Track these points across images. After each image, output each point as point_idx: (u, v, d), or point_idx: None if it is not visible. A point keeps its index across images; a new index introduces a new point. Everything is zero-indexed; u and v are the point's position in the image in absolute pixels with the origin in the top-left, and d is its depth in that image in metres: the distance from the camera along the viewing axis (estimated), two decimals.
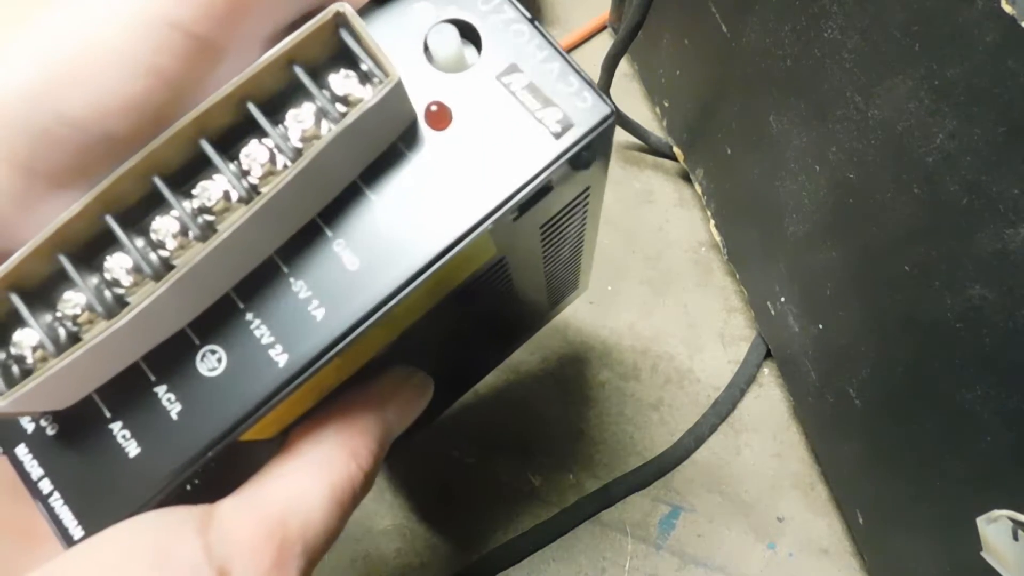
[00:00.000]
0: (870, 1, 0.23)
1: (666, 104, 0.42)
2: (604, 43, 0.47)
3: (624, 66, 0.46)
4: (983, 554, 0.23)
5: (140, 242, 0.13)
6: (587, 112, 0.15)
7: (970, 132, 0.20)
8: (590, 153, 0.15)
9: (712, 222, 0.40)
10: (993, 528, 0.23)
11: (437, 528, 0.35)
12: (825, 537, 0.35)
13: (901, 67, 0.22)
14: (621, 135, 0.43)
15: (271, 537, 0.14)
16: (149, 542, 0.13)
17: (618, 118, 0.41)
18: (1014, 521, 0.22)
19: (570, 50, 0.47)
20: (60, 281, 0.13)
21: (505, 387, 0.38)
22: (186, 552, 0.13)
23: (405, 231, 0.14)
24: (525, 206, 0.15)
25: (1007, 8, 0.18)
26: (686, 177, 0.43)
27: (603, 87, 0.39)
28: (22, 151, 0.12)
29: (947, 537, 0.26)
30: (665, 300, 0.40)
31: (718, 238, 0.40)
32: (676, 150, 0.42)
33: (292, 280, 0.14)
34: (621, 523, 0.36)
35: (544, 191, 0.15)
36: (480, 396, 0.38)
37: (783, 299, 0.34)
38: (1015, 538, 0.22)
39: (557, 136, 0.15)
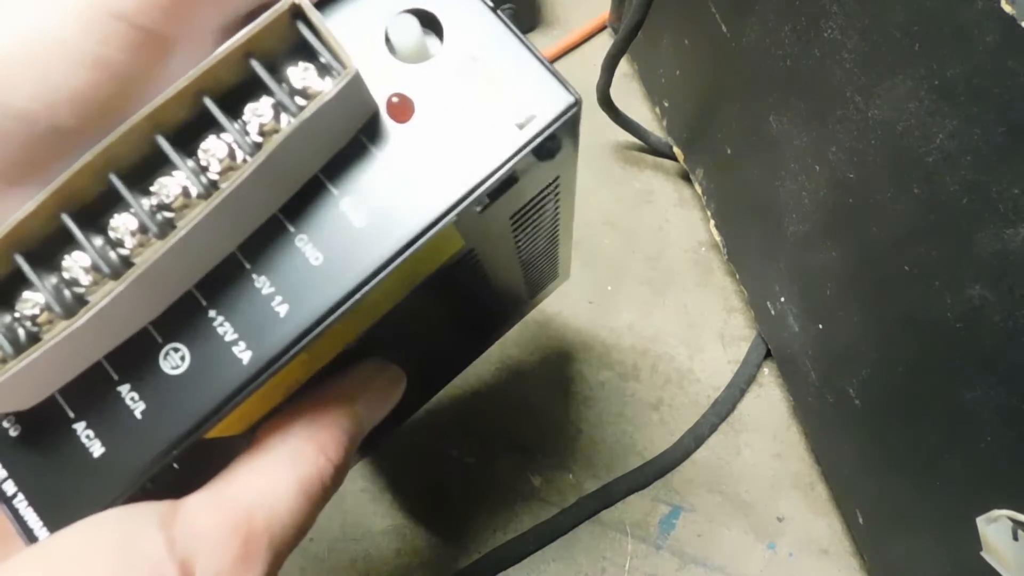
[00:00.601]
0: (870, 1, 0.23)
1: (666, 104, 0.42)
2: (604, 43, 0.47)
3: (624, 66, 0.46)
4: (983, 554, 0.23)
5: (98, 240, 0.13)
6: (551, 101, 0.14)
7: (970, 132, 0.20)
8: (555, 143, 0.15)
9: (712, 222, 0.40)
10: (993, 528, 0.23)
11: (437, 528, 0.35)
12: (825, 537, 0.35)
13: (901, 67, 0.22)
14: (621, 135, 0.43)
15: (236, 530, 0.13)
16: (111, 537, 0.13)
17: (618, 118, 0.41)
18: (1014, 521, 0.22)
19: (570, 50, 0.47)
20: (17, 281, 0.13)
21: (505, 387, 0.38)
22: (149, 546, 0.13)
23: (368, 225, 0.14)
24: (491, 197, 0.15)
25: (1007, 8, 0.18)
26: (686, 177, 0.43)
27: (603, 87, 0.39)
28: None
29: (947, 537, 0.26)
30: (665, 300, 0.40)
31: (718, 238, 0.40)
32: (676, 150, 0.42)
33: (255, 276, 0.14)
34: (621, 523, 0.36)
35: (509, 182, 0.15)
36: (480, 396, 0.38)
37: (783, 299, 0.34)
38: (1015, 538, 0.22)
39: (520, 126, 0.14)
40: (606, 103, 0.40)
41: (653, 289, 0.41)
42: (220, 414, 0.14)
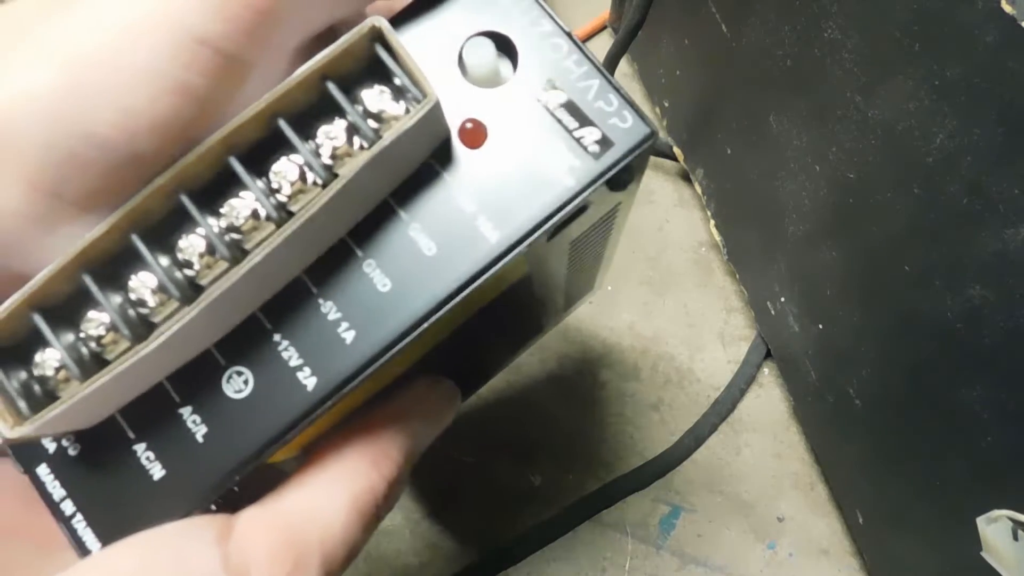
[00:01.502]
0: (870, 1, 0.23)
1: (666, 104, 0.42)
2: (604, 43, 0.47)
3: (624, 66, 0.46)
4: (983, 554, 0.23)
5: (166, 261, 0.13)
6: (627, 132, 0.14)
7: (970, 132, 0.20)
8: (628, 175, 0.14)
9: (712, 222, 0.40)
10: (993, 528, 0.23)
11: (437, 528, 0.35)
12: (825, 537, 0.35)
13: (901, 67, 0.22)
14: None
15: (289, 547, 0.13)
16: (166, 552, 0.13)
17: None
18: (1014, 521, 0.22)
19: None
20: (83, 300, 0.13)
21: (505, 387, 0.38)
22: (204, 562, 0.13)
23: (437, 252, 0.14)
24: (560, 227, 0.14)
25: (1007, 8, 0.18)
26: (686, 177, 0.43)
27: None
28: (47, 175, 0.12)
29: (947, 537, 0.26)
30: (665, 300, 0.40)
31: (718, 238, 0.40)
32: (676, 150, 0.42)
33: (321, 301, 0.14)
34: (621, 523, 0.36)
35: (580, 211, 0.15)
36: (480, 396, 0.38)
37: (783, 299, 0.34)
38: (1015, 538, 0.22)
39: (596, 157, 0.14)
40: None
41: (653, 289, 0.41)
42: (283, 440, 0.14)
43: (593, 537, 0.35)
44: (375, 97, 0.13)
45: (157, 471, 0.14)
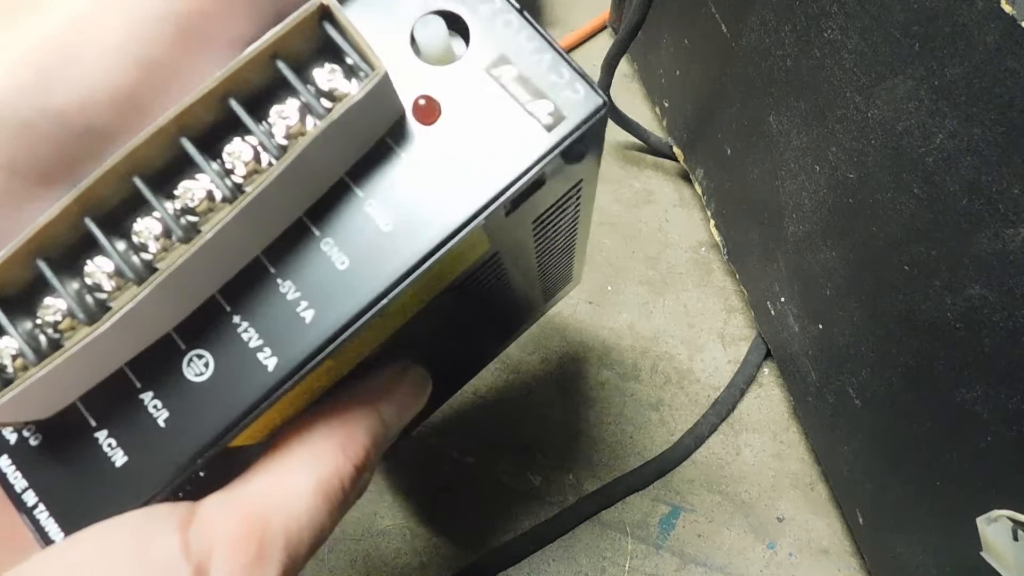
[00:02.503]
0: (870, 1, 0.23)
1: (666, 104, 0.42)
2: (604, 43, 0.47)
3: (624, 66, 0.46)
4: (983, 554, 0.23)
5: (122, 245, 0.13)
6: (579, 103, 0.14)
7: (970, 132, 0.20)
8: (583, 145, 0.15)
9: (712, 222, 0.40)
10: (993, 528, 0.23)
11: (437, 528, 0.35)
12: (825, 537, 0.35)
13: (901, 67, 0.22)
14: (621, 135, 0.43)
15: (252, 532, 0.13)
16: (127, 539, 0.13)
17: (618, 118, 0.41)
18: (1014, 521, 0.22)
19: (570, 50, 0.47)
20: (40, 287, 0.13)
21: (505, 387, 0.38)
22: (165, 549, 0.13)
23: (394, 228, 0.14)
24: (518, 200, 0.15)
25: (1007, 8, 0.18)
26: (686, 177, 0.43)
27: (603, 87, 0.39)
28: (1, 147, 0.12)
29: (947, 537, 0.26)
30: (665, 300, 0.40)
31: (718, 238, 0.40)
32: (676, 150, 0.42)
33: (280, 281, 0.14)
34: (621, 523, 0.36)
35: (537, 185, 0.15)
36: (480, 396, 0.38)
37: (783, 299, 0.34)
38: (1015, 538, 0.22)
39: (549, 128, 0.14)
40: None
41: (653, 289, 0.41)
42: (245, 422, 0.14)
43: (593, 537, 0.35)
44: (326, 76, 0.13)
45: (119, 458, 0.14)
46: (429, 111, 0.14)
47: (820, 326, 0.31)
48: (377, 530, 0.35)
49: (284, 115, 0.13)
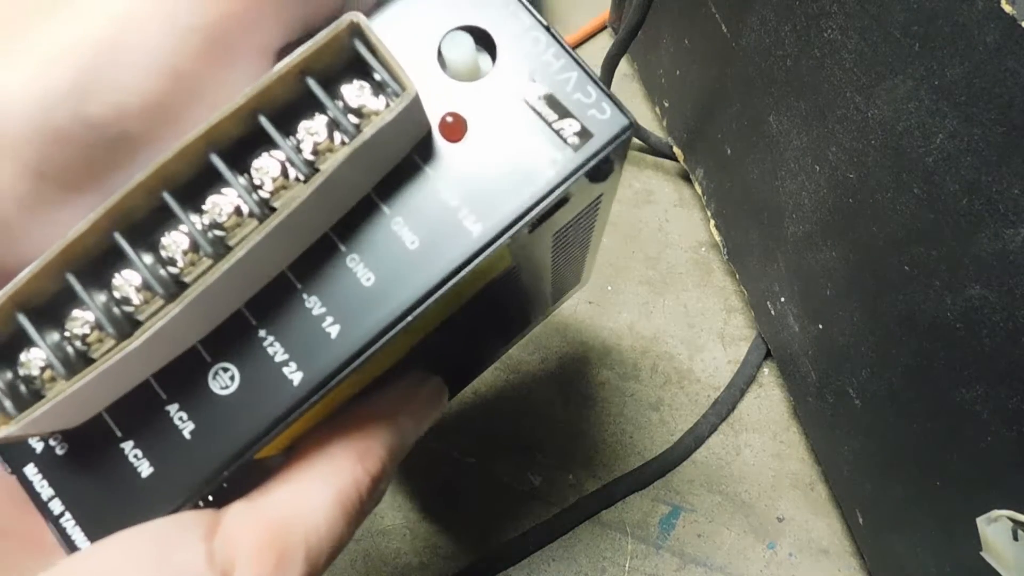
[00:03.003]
0: (870, 1, 0.23)
1: (666, 104, 0.42)
2: (604, 43, 0.47)
3: (624, 66, 0.46)
4: (983, 554, 0.23)
5: (149, 259, 0.13)
6: (606, 124, 0.14)
7: (970, 132, 0.20)
8: (608, 165, 0.15)
9: (712, 222, 0.40)
10: (993, 528, 0.23)
11: (437, 528, 0.35)
12: (825, 537, 0.35)
13: (901, 67, 0.22)
14: None
15: (273, 543, 0.14)
16: (152, 547, 0.13)
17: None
18: (1014, 521, 0.22)
19: None
20: (68, 299, 0.13)
21: (505, 387, 0.38)
22: (190, 558, 0.13)
23: (420, 245, 0.14)
24: (542, 219, 0.15)
25: (1007, 8, 0.18)
26: (686, 177, 0.43)
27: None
28: (32, 152, 0.12)
29: (947, 537, 0.26)
30: (665, 300, 0.40)
31: (718, 238, 0.40)
32: (676, 150, 0.42)
33: (305, 296, 0.14)
34: (621, 523, 0.36)
35: (561, 203, 0.15)
36: (480, 396, 0.38)
37: (783, 299, 0.34)
38: (1015, 538, 0.22)
39: (576, 148, 0.14)
40: None
41: (653, 289, 0.41)
42: (270, 436, 0.14)
43: (593, 537, 0.35)
44: (355, 92, 0.13)
45: (145, 469, 0.14)
46: (456, 128, 0.14)
47: (820, 326, 0.31)
48: (377, 530, 0.35)
49: (312, 131, 0.13)
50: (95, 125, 0.12)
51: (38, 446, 0.15)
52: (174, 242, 0.13)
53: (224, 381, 0.14)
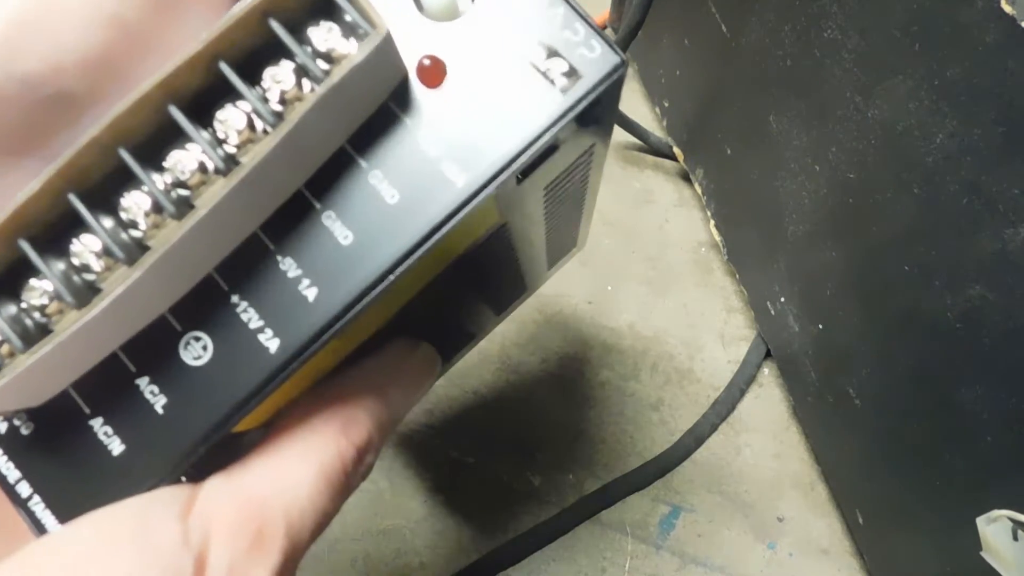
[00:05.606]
0: (870, 1, 0.23)
1: (666, 104, 0.42)
2: None
3: None
4: (983, 554, 0.23)
5: (109, 222, 0.12)
6: (595, 62, 0.13)
7: (970, 132, 0.20)
8: (599, 109, 0.14)
9: (712, 222, 0.40)
10: (993, 528, 0.23)
11: (437, 528, 0.35)
12: (825, 537, 0.35)
13: (901, 67, 0.22)
14: (621, 135, 0.43)
15: (252, 517, 0.13)
16: (128, 526, 0.12)
17: (618, 118, 0.41)
18: (1014, 521, 0.22)
19: None
20: (23, 269, 0.12)
21: (505, 387, 0.38)
22: (165, 537, 0.12)
23: (400, 199, 0.13)
24: (529, 168, 0.14)
25: (1007, 8, 0.18)
26: (686, 177, 0.43)
27: None
28: None
29: (947, 537, 0.26)
30: (665, 300, 0.40)
31: (718, 238, 0.40)
32: (676, 150, 0.42)
33: (280, 258, 0.13)
34: (621, 523, 0.36)
35: (550, 151, 0.14)
36: (480, 396, 0.38)
37: (783, 299, 0.34)
38: (1015, 538, 0.22)
39: (564, 90, 0.13)
40: None
41: (653, 289, 0.41)
42: (247, 407, 0.13)
43: (593, 537, 0.35)
44: (323, 35, 0.12)
45: (116, 446, 0.13)
46: (435, 73, 0.13)
47: (820, 326, 0.31)
48: (377, 530, 0.35)
49: (278, 79, 0.12)
50: (30, 83, 0.11)
51: (2, 426, 0.14)
52: (135, 203, 0.12)
53: (196, 351, 0.13)
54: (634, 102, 0.46)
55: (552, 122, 0.13)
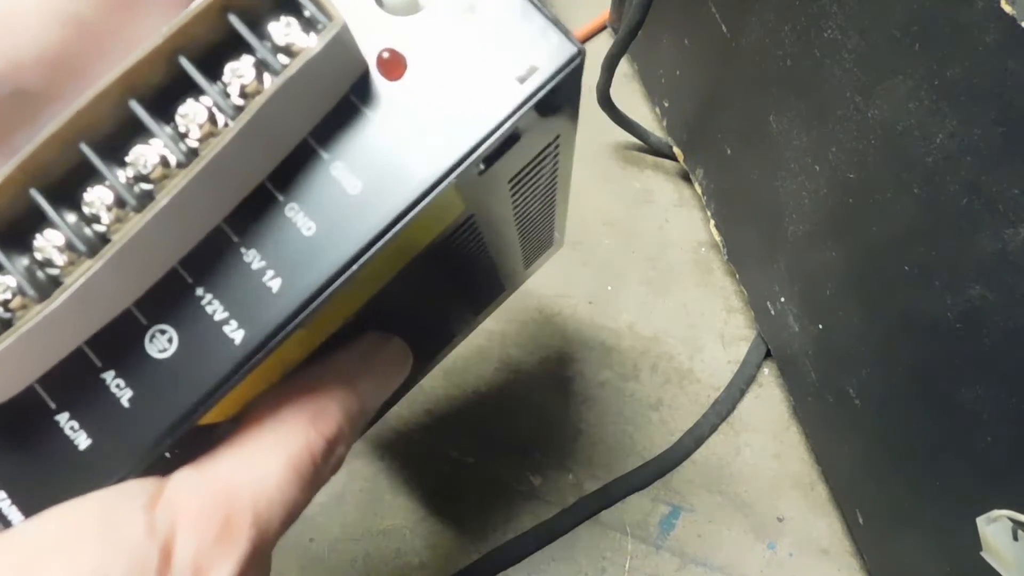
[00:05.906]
0: (870, 1, 0.23)
1: (666, 104, 0.42)
2: (604, 43, 0.47)
3: (624, 66, 0.46)
4: (983, 554, 0.23)
5: (72, 217, 0.12)
6: (552, 53, 0.13)
7: (970, 132, 0.20)
8: (558, 98, 0.14)
9: (712, 222, 0.40)
10: (993, 528, 0.23)
11: (437, 528, 0.35)
12: (825, 537, 0.35)
13: (901, 67, 0.22)
14: (621, 135, 0.43)
15: (218, 508, 0.13)
16: (93, 519, 0.12)
17: (618, 118, 0.41)
18: (1014, 521, 0.22)
19: None
20: None
21: (505, 387, 0.38)
22: (131, 529, 0.12)
23: (362, 190, 0.13)
24: (491, 157, 0.14)
25: (1007, 8, 0.18)
26: (686, 177, 0.43)
27: (603, 87, 0.39)
28: None
29: (947, 537, 0.26)
30: (665, 300, 0.40)
31: (718, 238, 0.40)
32: (676, 150, 0.42)
33: (244, 250, 0.13)
34: (621, 523, 0.36)
35: (511, 140, 0.14)
36: (480, 396, 0.38)
37: (783, 299, 0.34)
38: (1015, 538, 0.22)
39: (521, 80, 0.13)
40: (606, 103, 0.40)
41: (653, 289, 0.41)
42: (213, 399, 0.13)
43: (593, 537, 0.35)
44: (282, 30, 0.12)
45: (83, 441, 0.13)
46: (394, 65, 0.13)
47: (820, 326, 0.31)
48: (377, 530, 0.35)
49: (239, 73, 0.12)
50: None
51: None
52: (98, 198, 0.12)
53: (162, 344, 0.13)
54: (634, 102, 0.46)
55: (510, 112, 0.13)
